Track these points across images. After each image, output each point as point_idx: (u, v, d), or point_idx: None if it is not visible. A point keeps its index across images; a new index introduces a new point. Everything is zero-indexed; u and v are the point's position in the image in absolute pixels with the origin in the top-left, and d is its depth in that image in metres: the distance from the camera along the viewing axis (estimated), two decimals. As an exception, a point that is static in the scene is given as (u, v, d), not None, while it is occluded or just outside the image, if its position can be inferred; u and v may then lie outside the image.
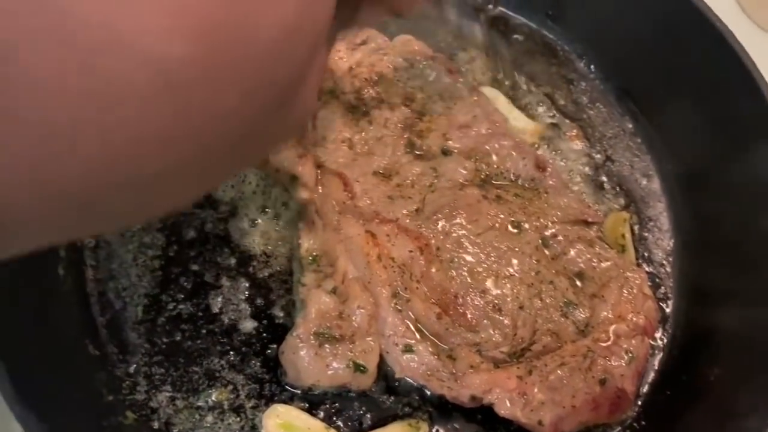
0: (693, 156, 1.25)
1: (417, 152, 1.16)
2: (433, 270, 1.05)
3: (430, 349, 1.01)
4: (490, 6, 1.42)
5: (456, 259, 1.06)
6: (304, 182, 1.09)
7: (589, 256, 1.11)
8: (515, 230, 1.10)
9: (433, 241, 1.07)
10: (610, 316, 1.05)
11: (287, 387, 1.04)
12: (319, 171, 1.12)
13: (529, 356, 1.02)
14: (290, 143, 1.10)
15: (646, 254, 1.22)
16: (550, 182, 1.17)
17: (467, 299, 1.04)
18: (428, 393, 1.03)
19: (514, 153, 1.18)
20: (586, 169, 1.29)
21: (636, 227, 1.24)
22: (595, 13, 1.36)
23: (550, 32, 1.42)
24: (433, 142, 1.17)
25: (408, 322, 1.02)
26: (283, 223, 1.16)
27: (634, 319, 1.06)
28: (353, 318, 1.01)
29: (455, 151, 1.17)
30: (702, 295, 1.17)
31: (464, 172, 1.15)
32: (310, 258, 1.08)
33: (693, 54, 1.23)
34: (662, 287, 1.20)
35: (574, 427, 1.00)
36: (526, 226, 1.11)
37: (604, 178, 1.28)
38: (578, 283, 1.09)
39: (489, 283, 1.05)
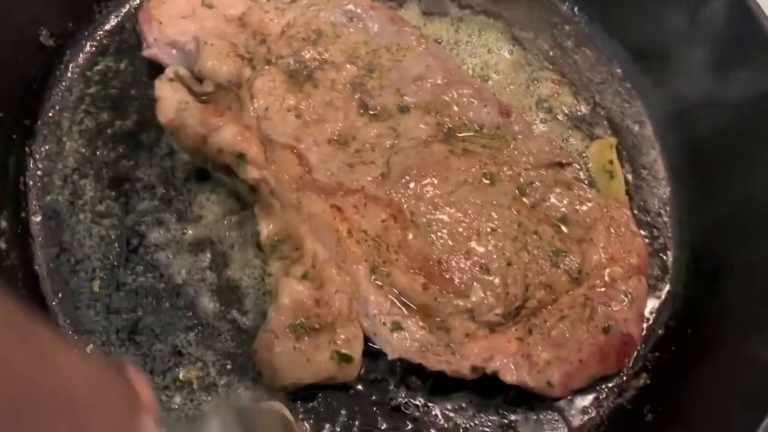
0: (687, 96, 1.17)
1: (371, 112, 1.06)
2: (411, 237, 0.96)
3: (420, 323, 0.93)
4: None
5: (433, 222, 0.97)
6: (251, 159, 0.99)
7: (569, 199, 1.04)
8: (489, 182, 1.02)
9: (405, 206, 0.98)
10: (602, 259, 0.99)
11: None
12: (266, 147, 1.01)
13: (525, 314, 0.95)
14: (228, 119, 1.00)
15: (641, 203, 1.15)
16: (516, 127, 1.09)
17: (452, 263, 0.95)
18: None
19: (475, 101, 1.08)
20: (574, 116, 1.20)
21: (630, 176, 1.17)
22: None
23: (530, -27, 1.33)
24: (388, 99, 1.07)
25: (392, 297, 0.93)
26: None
27: (627, 258, 1.00)
28: (332, 304, 0.91)
29: (412, 106, 1.07)
30: (703, 244, 1.10)
31: (426, 127, 1.05)
32: (272, 245, 0.98)
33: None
34: (660, 238, 1.13)
35: (583, 382, 0.94)
36: (500, 176, 1.03)
37: (594, 126, 1.20)
38: (563, 228, 1.02)
39: (472, 243, 0.97)
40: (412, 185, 0.99)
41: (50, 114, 1.10)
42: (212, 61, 1.05)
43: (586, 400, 0.99)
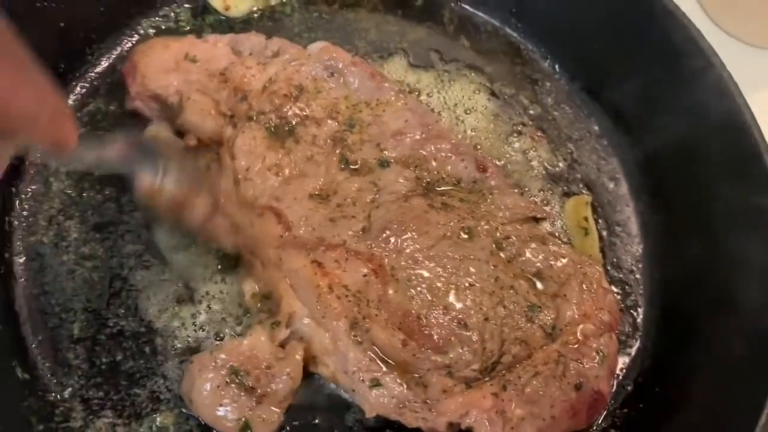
0: (662, 159, 1.22)
1: (352, 167, 1.08)
2: (391, 292, 0.98)
3: (399, 379, 0.94)
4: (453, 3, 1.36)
5: (413, 277, 0.99)
6: (225, 233, 1.02)
7: (544, 254, 1.06)
8: (467, 237, 1.04)
9: (386, 261, 1.00)
10: (575, 315, 1.02)
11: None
12: (245, 209, 1.03)
13: (500, 369, 0.97)
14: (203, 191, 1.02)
15: (614, 260, 1.18)
16: (493, 182, 1.12)
17: (431, 319, 0.97)
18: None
19: (452, 156, 1.11)
20: (551, 172, 1.24)
21: (604, 233, 1.20)
22: (561, 9, 1.30)
23: (514, 30, 1.36)
24: (368, 154, 1.09)
25: (371, 353, 0.95)
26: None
27: (599, 315, 1.03)
28: (276, 383, 0.94)
29: (392, 161, 1.09)
30: (673, 303, 1.14)
31: (405, 182, 1.07)
32: (258, 304, 1.01)
33: (663, 52, 1.19)
34: (632, 295, 1.16)
35: None
36: (478, 230, 1.05)
37: (571, 182, 1.23)
38: (538, 284, 1.04)
39: (451, 298, 0.99)
40: (392, 240, 1.01)
41: (37, 154, 1.11)
42: (195, 117, 1.07)
43: None
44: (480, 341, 0.97)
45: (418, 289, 0.99)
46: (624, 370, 1.10)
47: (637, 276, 1.18)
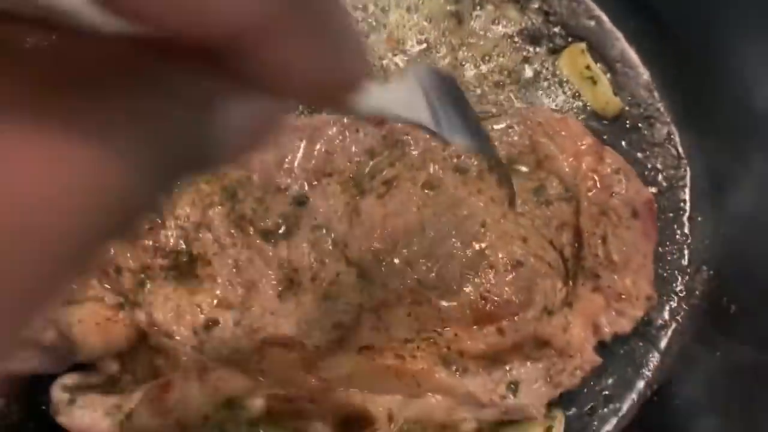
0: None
1: (276, 233, 0.86)
2: (443, 303, 0.85)
3: (526, 361, 0.86)
4: None
5: (444, 270, 0.86)
6: None
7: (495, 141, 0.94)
8: (431, 191, 0.90)
9: (414, 279, 0.85)
10: (571, 163, 0.94)
11: None
12: None
13: (572, 266, 0.91)
14: None
15: (629, 98, 1.10)
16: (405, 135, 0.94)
17: (492, 292, 0.85)
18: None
19: (345, 137, 0.92)
20: (529, 33, 1.14)
21: (608, 75, 1.12)
22: None
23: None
24: (272, 208, 0.87)
25: (485, 369, 0.86)
26: None
27: (580, 145, 0.95)
28: None
29: (299, 191, 0.89)
30: (704, 118, 1.08)
31: (334, 197, 0.89)
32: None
33: None
34: (661, 126, 1.10)
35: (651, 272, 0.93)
36: (432, 177, 0.91)
37: (553, 37, 1.13)
38: (519, 168, 0.94)
39: (488, 255, 0.86)
40: (390, 260, 0.85)
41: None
42: (92, 339, 0.79)
43: (661, 317, 0.98)
44: (540, 262, 0.88)
45: (461, 274, 0.85)
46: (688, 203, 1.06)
47: (658, 105, 1.11)
